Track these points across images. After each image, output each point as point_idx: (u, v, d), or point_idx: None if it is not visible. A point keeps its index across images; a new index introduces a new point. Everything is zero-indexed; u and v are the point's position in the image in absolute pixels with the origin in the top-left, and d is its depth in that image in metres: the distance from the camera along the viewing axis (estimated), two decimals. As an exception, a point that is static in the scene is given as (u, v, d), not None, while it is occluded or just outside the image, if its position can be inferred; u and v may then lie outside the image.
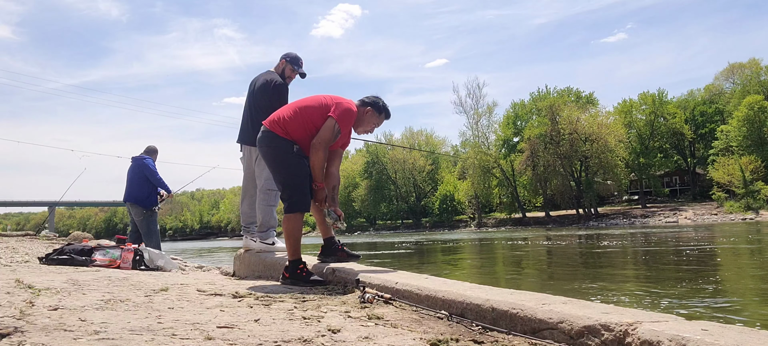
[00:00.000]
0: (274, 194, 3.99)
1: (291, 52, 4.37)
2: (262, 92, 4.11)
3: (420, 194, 69.63)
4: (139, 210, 6.46)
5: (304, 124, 3.10)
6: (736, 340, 1.23)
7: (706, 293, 4.72)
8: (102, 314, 2.01)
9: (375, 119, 3.30)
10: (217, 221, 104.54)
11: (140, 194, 6.47)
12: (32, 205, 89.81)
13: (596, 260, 8.96)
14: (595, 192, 51.45)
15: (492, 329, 1.81)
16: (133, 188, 6.51)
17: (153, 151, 6.89)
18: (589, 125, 49.31)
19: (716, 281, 5.62)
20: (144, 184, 6.53)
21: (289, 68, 4.28)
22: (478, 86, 58.36)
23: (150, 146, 6.93)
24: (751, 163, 42.58)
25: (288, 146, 3.10)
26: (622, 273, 6.91)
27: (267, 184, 3.96)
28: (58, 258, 4.83)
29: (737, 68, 53.29)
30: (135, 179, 6.54)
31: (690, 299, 4.38)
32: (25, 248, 7.30)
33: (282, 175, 3.13)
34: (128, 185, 6.59)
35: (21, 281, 3.07)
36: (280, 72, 4.26)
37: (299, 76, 4.31)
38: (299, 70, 4.30)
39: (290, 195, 3.11)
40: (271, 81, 4.11)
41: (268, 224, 4.11)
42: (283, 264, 3.77)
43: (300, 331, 1.75)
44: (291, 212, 3.12)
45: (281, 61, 4.31)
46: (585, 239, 16.44)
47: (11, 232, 15.73)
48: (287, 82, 4.25)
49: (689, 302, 4.20)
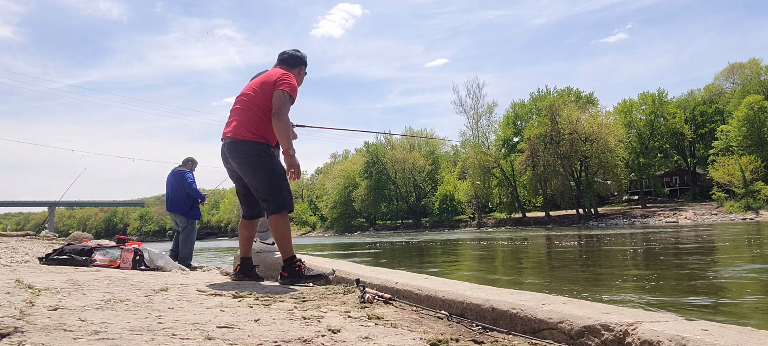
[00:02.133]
0: None
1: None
2: None
3: (420, 194, 69.63)
4: (183, 219, 7.03)
5: (262, 114, 3.17)
6: (736, 340, 1.23)
7: (705, 293, 4.72)
8: (102, 314, 2.01)
9: (304, 72, 3.59)
10: (217, 221, 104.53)
11: (184, 205, 7.02)
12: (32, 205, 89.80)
13: (596, 260, 8.95)
14: (595, 192, 51.46)
15: (492, 329, 1.81)
16: (175, 199, 7.06)
17: (190, 162, 7.38)
18: (589, 125, 49.30)
19: (716, 280, 5.62)
20: (186, 196, 7.04)
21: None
22: (478, 86, 58.51)
23: (187, 158, 7.42)
24: (751, 164, 42.56)
25: (260, 149, 3.15)
26: (622, 273, 6.91)
27: None
28: (58, 258, 4.83)
29: (737, 68, 53.30)
30: (176, 191, 7.05)
31: (690, 298, 4.38)
32: (25, 248, 7.30)
33: (261, 179, 3.16)
34: (170, 196, 7.11)
35: (21, 281, 3.07)
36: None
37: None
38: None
39: (274, 196, 3.13)
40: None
41: (267, 225, 4.09)
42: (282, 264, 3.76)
43: (300, 331, 1.75)
44: (277, 212, 3.14)
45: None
46: (585, 239, 16.44)
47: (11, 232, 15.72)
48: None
49: (689, 302, 4.20)
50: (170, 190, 7.14)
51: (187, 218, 7.02)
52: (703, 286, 5.18)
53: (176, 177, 7.12)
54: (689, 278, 5.88)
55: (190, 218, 7.05)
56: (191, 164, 7.35)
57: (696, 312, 3.79)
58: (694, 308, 3.93)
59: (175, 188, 7.09)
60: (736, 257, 8.51)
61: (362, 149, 75.09)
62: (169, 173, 7.21)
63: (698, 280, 5.64)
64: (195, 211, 7.13)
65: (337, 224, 71.68)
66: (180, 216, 7.03)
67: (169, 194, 7.15)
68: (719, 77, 56.19)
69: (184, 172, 7.14)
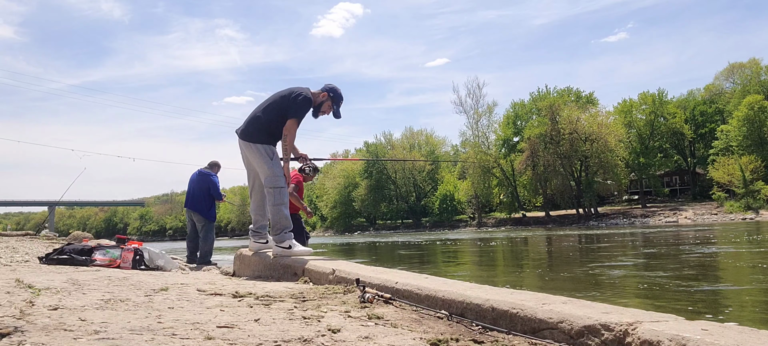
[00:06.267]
0: (280, 192, 3.82)
1: (336, 87, 4.04)
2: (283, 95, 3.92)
3: (420, 194, 69.65)
4: (200, 218, 7.22)
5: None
6: (736, 340, 1.23)
7: (705, 293, 4.72)
8: (102, 313, 2.01)
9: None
10: (218, 221, 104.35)
11: (203, 205, 7.23)
12: (32, 205, 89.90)
13: (596, 260, 8.96)
14: (595, 192, 51.45)
15: (492, 328, 1.81)
16: (196, 198, 7.23)
17: (216, 166, 7.60)
18: (589, 125, 49.30)
19: (716, 280, 5.62)
20: (206, 196, 7.25)
21: (328, 105, 3.99)
22: (478, 86, 58.40)
23: (213, 161, 7.64)
24: (751, 163, 42.58)
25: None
26: (622, 273, 6.91)
27: (270, 181, 3.82)
28: (58, 258, 4.83)
29: (737, 68, 53.31)
30: (199, 190, 7.25)
31: (690, 298, 4.38)
32: (25, 248, 7.30)
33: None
34: (191, 193, 7.32)
35: (21, 281, 3.07)
36: (316, 103, 3.96)
37: (333, 114, 4.04)
38: (336, 110, 4.03)
39: None
40: (301, 93, 3.87)
41: (281, 225, 3.83)
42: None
43: (300, 331, 1.75)
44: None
45: (323, 93, 3.99)
46: (585, 239, 16.44)
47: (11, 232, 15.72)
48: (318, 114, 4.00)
49: (689, 302, 4.20)
50: (192, 188, 7.34)
51: (206, 218, 7.26)
52: (703, 286, 5.18)
53: (202, 177, 7.35)
54: (689, 277, 5.88)
55: (208, 219, 7.28)
56: (217, 168, 7.60)
57: (696, 312, 3.79)
58: (694, 308, 3.93)
59: (198, 187, 7.29)
60: (736, 257, 8.51)
61: (362, 149, 75.11)
62: (195, 172, 7.42)
63: (698, 280, 5.64)
64: (213, 212, 7.38)
65: (337, 224, 71.69)
66: (198, 215, 7.26)
67: (191, 192, 7.34)
68: (719, 77, 56.22)
69: (210, 174, 7.38)
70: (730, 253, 9.28)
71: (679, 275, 6.28)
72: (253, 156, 3.89)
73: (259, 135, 3.88)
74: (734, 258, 8.34)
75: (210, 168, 7.52)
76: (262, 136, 3.88)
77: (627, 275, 6.70)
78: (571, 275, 6.80)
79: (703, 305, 4.03)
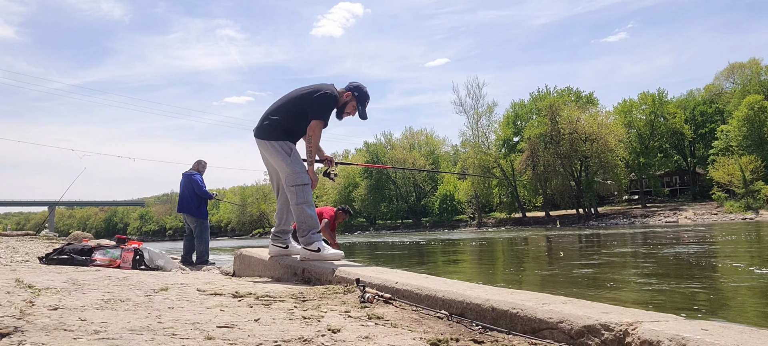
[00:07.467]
0: (303, 189, 3.56)
1: (361, 85, 3.82)
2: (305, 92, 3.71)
3: (420, 194, 69.65)
4: (192, 219, 7.35)
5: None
6: (736, 340, 1.23)
7: (705, 292, 4.72)
8: (102, 313, 2.01)
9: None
10: (218, 220, 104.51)
11: (192, 205, 7.34)
12: (32, 205, 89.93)
13: (596, 260, 8.95)
14: (595, 192, 51.47)
15: (492, 328, 1.81)
16: (185, 200, 7.36)
17: (199, 163, 7.71)
18: (589, 125, 49.32)
19: (716, 280, 5.62)
20: (194, 196, 7.36)
21: (353, 105, 3.77)
22: (478, 86, 58.48)
23: (197, 160, 7.74)
24: (751, 163, 42.60)
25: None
26: (622, 273, 6.90)
27: (291, 179, 3.58)
28: (58, 258, 4.84)
29: (737, 68, 53.33)
30: (186, 192, 7.38)
31: (690, 298, 4.38)
32: (25, 248, 7.31)
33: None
34: (181, 197, 7.46)
35: (21, 281, 3.07)
36: (340, 103, 3.74)
37: (358, 115, 3.80)
38: (362, 111, 3.80)
39: None
40: (326, 92, 3.65)
41: (306, 226, 3.56)
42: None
43: (300, 331, 1.75)
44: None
45: (347, 93, 3.77)
46: (585, 239, 16.45)
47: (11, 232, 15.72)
48: (342, 115, 3.79)
49: (689, 302, 4.20)
50: (181, 191, 7.46)
51: (197, 217, 7.33)
52: (703, 286, 5.18)
53: (185, 179, 7.45)
54: (689, 277, 5.88)
55: (199, 217, 7.35)
56: (199, 166, 7.66)
57: (696, 312, 3.79)
58: (694, 308, 3.93)
59: (185, 189, 7.40)
60: (736, 257, 8.51)
61: (362, 149, 75.08)
62: (181, 176, 7.52)
63: (698, 280, 5.64)
64: (203, 210, 7.43)
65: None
66: (190, 216, 7.35)
67: (180, 195, 7.48)
68: (719, 77, 56.27)
69: (192, 173, 7.46)
70: (729, 253, 9.27)
71: (678, 274, 6.27)
72: (270, 154, 3.65)
73: (275, 132, 3.64)
74: (734, 258, 8.33)
75: (194, 168, 7.61)
76: (278, 133, 3.63)
77: (627, 275, 6.70)
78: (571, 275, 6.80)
79: (703, 305, 4.03)
